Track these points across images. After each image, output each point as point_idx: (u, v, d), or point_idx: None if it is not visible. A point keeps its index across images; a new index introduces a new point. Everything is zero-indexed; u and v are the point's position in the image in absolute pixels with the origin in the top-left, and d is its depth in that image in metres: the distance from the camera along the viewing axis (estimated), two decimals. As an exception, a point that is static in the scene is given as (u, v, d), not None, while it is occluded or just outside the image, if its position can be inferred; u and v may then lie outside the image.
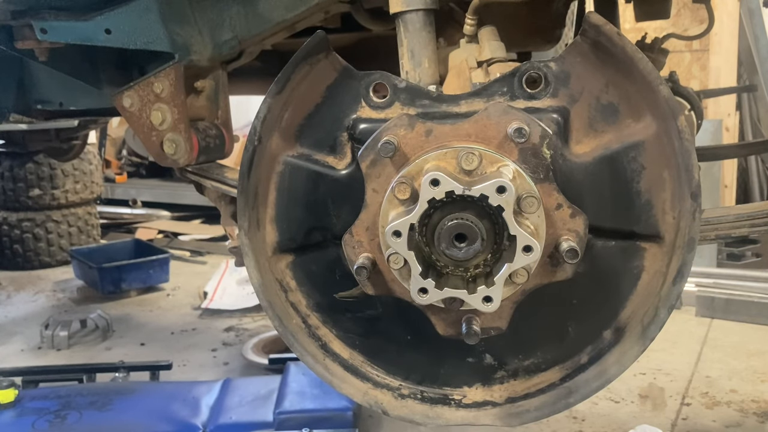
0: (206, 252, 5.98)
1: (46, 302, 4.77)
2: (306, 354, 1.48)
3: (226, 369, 3.52)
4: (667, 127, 1.25)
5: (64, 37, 1.93)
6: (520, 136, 1.23)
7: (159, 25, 1.83)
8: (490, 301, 1.24)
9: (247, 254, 1.45)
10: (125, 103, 1.93)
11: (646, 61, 1.23)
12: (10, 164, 5.32)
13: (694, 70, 5.65)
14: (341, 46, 2.35)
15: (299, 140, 1.43)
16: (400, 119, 1.30)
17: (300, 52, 1.34)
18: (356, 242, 1.35)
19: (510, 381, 1.46)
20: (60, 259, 5.58)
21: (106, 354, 3.76)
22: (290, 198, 1.44)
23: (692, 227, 1.25)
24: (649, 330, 1.32)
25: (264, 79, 2.48)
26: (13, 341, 4.01)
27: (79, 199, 5.61)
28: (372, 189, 1.32)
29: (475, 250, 1.22)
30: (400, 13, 1.49)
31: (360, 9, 1.94)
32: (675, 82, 2.55)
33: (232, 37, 1.87)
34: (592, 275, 1.36)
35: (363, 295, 1.40)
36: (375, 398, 1.49)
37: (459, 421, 1.47)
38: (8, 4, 1.92)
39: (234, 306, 4.42)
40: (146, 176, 8.12)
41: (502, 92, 1.33)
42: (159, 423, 2.56)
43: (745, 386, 3.13)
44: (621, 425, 2.78)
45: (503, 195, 1.18)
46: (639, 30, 3.42)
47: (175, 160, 1.92)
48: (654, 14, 2.40)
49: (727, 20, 5.45)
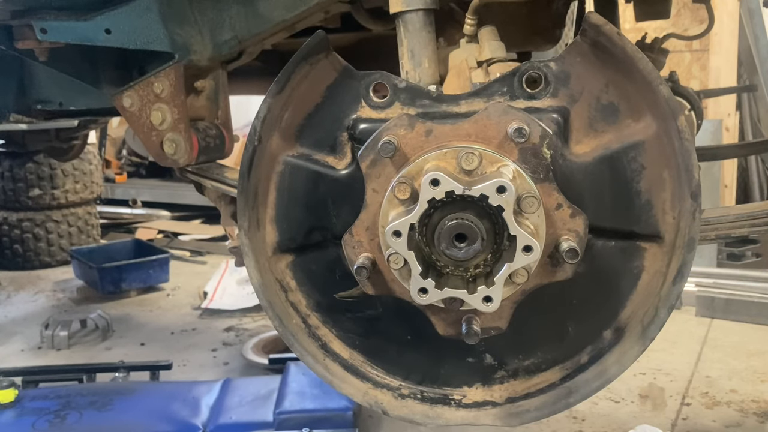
0: (206, 252, 5.98)
1: (46, 302, 4.77)
2: (306, 354, 1.48)
3: (226, 369, 3.52)
4: (667, 127, 1.25)
5: (64, 37, 1.93)
6: (520, 136, 1.23)
7: (159, 25, 1.83)
8: (490, 301, 1.24)
9: (247, 254, 1.45)
10: (125, 103, 1.93)
11: (646, 61, 1.23)
12: (10, 164, 5.32)
13: (694, 70, 5.65)
14: (341, 46, 2.35)
15: (299, 140, 1.43)
16: (400, 119, 1.30)
17: (300, 52, 1.34)
18: (356, 242, 1.35)
19: (510, 381, 1.46)
20: (60, 259, 5.58)
21: (106, 354, 3.76)
22: (290, 198, 1.44)
23: (692, 227, 1.25)
24: (649, 330, 1.32)
25: (264, 79, 2.48)
26: (13, 341, 4.00)
27: (79, 199, 5.60)
28: (372, 189, 1.32)
29: (475, 250, 1.22)
30: (400, 13, 1.49)
31: (360, 9, 1.94)
32: (675, 82, 2.55)
33: (232, 37, 1.87)
34: (592, 275, 1.36)
35: (363, 295, 1.40)
36: (375, 398, 1.49)
37: (459, 421, 1.47)
38: (8, 4, 1.93)
39: (234, 306, 4.42)
40: (146, 176, 8.12)
41: (502, 92, 1.33)
42: (159, 423, 2.56)
43: (745, 386, 3.13)
44: (621, 425, 2.78)
45: (503, 195, 1.18)
46: (639, 30, 3.42)
47: (175, 160, 1.92)
48: (654, 14, 2.40)
49: (727, 20, 5.45)
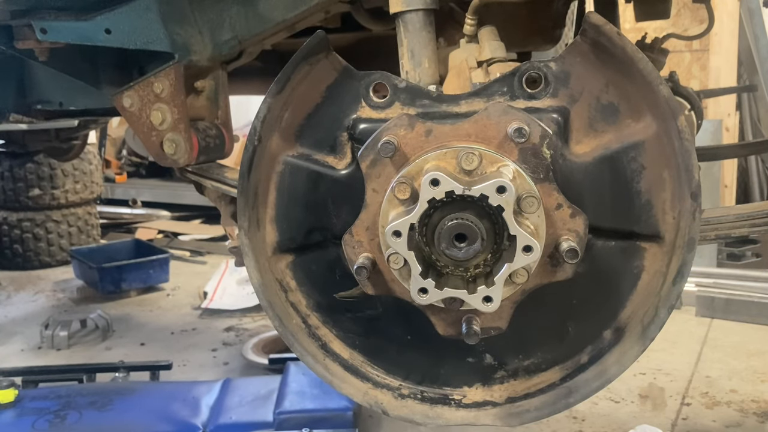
0: (206, 252, 5.98)
1: (46, 302, 4.76)
2: (306, 354, 1.48)
3: (226, 369, 3.52)
4: (667, 127, 1.25)
5: (64, 37, 1.93)
6: (520, 136, 1.23)
7: (159, 25, 1.83)
8: (490, 301, 1.24)
9: (247, 254, 1.45)
10: (125, 103, 1.93)
11: (646, 61, 1.23)
12: (10, 164, 5.32)
13: (694, 70, 5.65)
14: (341, 46, 2.35)
15: (299, 140, 1.43)
16: (400, 119, 1.30)
17: (300, 52, 1.34)
18: (356, 242, 1.35)
19: (510, 381, 1.46)
20: (60, 259, 5.58)
21: (106, 354, 3.76)
22: (290, 198, 1.44)
23: (692, 227, 1.25)
24: (649, 330, 1.32)
25: (264, 79, 2.47)
26: (13, 341, 4.00)
27: (79, 199, 5.60)
28: (372, 189, 1.32)
29: (475, 250, 1.22)
30: (400, 13, 1.49)
31: (360, 9, 1.94)
32: (675, 82, 2.55)
33: (232, 37, 1.87)
34: (592, 275, 1.36)
35: (363, 295, 1.40)
36: (375, 398, 1.49)
37: (459, 421, 1.47)
38: (8, 4, 1.92)
39: (234, 306, 4.42)
40: (146, 176, 8.12)
41: (502, 92, 1.33)
42: (159, 423, 2.56)
43: (745, 386, 3.13)
44: (621, 425, 2.78)
45: (503, 195, 1.18)
46: (639, 30, 3.42)
47: (175, 160, 1.92)
48: (654, 14, 2.40)
49: (727, 20, 5.45)
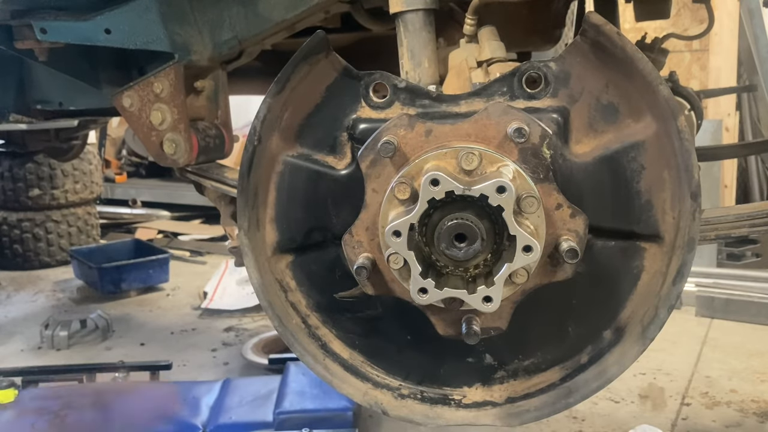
0: (206, 252, 5.98)
1: (46, 302, 4.76)
2: (306, 354, 1.48)
3: (226, 369, 3.52)
4: (667, 127, 1.25)
5: (64, 37, 1.93)
6: (520, 136, 1.23)
7: (159, 25, 1.83)
8: (490, 301, 1.24)
9: (247, 254, 1.45)
10: (125, 103, 1.93)
11: (646, 61, 1.23)
12: (10, 164, 5.31)
13: (694, 70, 5.65)
14: (341, 46, 2.35)
15: (299, 140, 1.43)
16: (400, 119, 1.30)
17: (300, 52, 1.34)
18: (356, 242, 1.35)
19: (510, 381, 1.46)
20: (60, 259, 5.58)
21: (106, 354, 3.76)
22: (290, 198, 1.44)
23: (692, 227, 1.25)
24: (649, 330, 1.32)
25: (264, 79, 2.47)
26: (13, 341, 4.00)
27: (78, 199, 5.60)
28: (372, 189, 1.32)
29: (475, 250, 1.22)
30: (400, 13, 1.49)
31: (360, 9, 1.94)
32: (675, 82, 2.55)
33: (232, 37, 1.87)
34: (591, 275, 1.36)
35: (363, 295, 1.40)
36: (375, 398, 1.49)
37: (459, 421, 1.47)
38: (8, 4, 1.93)
39: (234, 306, 4.42)
40: (146, 176, 8.12)
41: (502, 92, 1.33)
42: (159, 423, 2.56)
43: (745, 386, 3.13)
44: (621, 425, 2.78)
45: (503, 195, 1.18)
46: (639, 30, 3.42)
47: (174, 160, 1.92)
48: (654, 14, 2.40)
49: (727, 20, 5.45)
